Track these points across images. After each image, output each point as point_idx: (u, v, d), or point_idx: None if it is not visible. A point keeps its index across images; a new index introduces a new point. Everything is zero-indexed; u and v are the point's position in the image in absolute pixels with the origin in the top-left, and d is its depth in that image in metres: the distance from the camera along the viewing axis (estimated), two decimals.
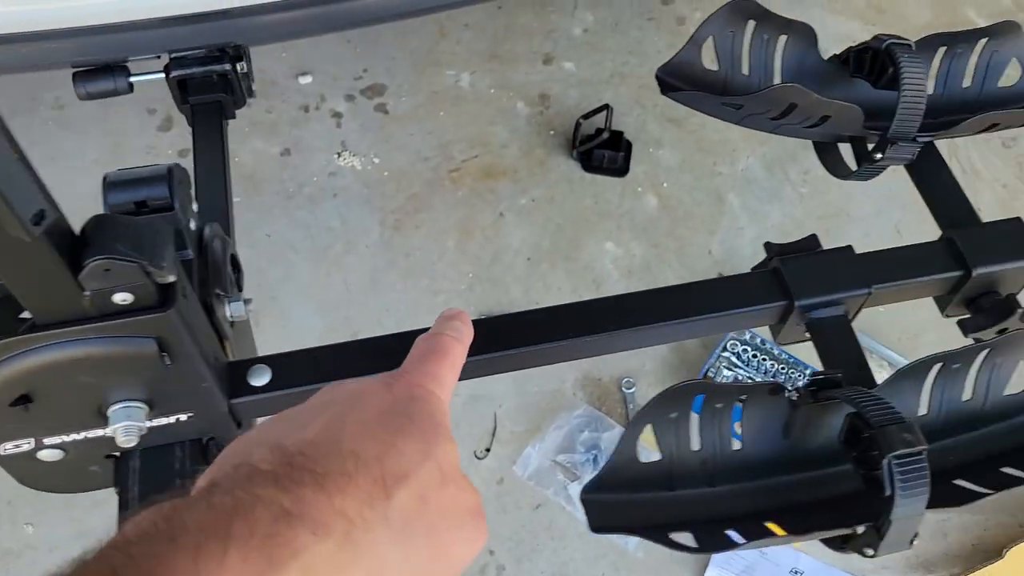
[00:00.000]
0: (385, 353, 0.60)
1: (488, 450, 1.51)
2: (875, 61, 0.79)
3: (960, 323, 0.76)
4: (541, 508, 1.46)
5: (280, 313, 1.64)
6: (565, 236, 1.75)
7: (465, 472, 1.64)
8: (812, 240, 0.77)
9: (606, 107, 1.79)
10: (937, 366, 0.68)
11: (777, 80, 0.82)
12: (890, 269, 0.74)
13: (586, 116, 1.81)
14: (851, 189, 1.78)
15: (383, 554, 0.33)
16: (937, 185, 0.81)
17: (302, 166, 1.83)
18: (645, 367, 1.58)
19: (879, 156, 0.79)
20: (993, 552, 1.44)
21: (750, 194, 1.82)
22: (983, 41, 0.85)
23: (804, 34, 0.81)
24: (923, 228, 1.94)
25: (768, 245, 0.77)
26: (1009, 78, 0.87)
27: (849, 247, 0.76)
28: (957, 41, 0.84)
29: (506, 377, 1.26)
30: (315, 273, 1.69)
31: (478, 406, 1.54)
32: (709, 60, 0.80)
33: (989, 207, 1.81)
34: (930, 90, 0.86)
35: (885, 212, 1.78)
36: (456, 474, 0.39)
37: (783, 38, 0.81)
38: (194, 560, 0.29)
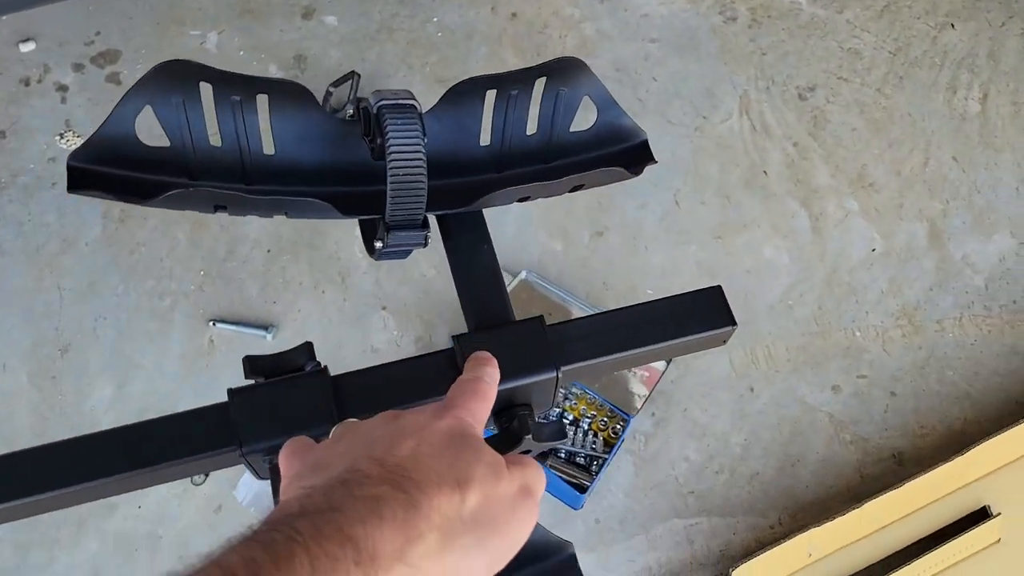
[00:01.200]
0: None
1: (206, 475, 1.38)
2: (374, 126, 0.63)
3: None
4: None
5: None
6: (310, 222, 1.59)
7: (181, 499, 1.45)
8: (299, 352, 0.63)
9: (352, 74, 1.61)
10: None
11: (269, 149, 0.66)
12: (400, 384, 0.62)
13: (336, 83, 1.62)
14: None
15: (464, 544, 0.43)
16: (471, 272, 0.67)
17: (18, 151, 1.62)
18: None
19: (379, 245, 0.64)
20: (740, 556, 1.37)
21: None
22: (542, 81, 0.70)
23: (292, 92, 0.65)
24: (702, 196, 1.83)
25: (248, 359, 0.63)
26: (584, 120, 0.72)
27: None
28: (507, 83, 0.69)
29: None
30: (25, 277, 1.52)
31: None
32: (156, 136, 0.64)
33: (777, 169, 1.68)
34: (486, 141, 0.71)
35: (665, 181, 1.64)
36: (503, 470, 0.46)
37: (262, 98, 0.64)
38: (363, 524, 0.39)
